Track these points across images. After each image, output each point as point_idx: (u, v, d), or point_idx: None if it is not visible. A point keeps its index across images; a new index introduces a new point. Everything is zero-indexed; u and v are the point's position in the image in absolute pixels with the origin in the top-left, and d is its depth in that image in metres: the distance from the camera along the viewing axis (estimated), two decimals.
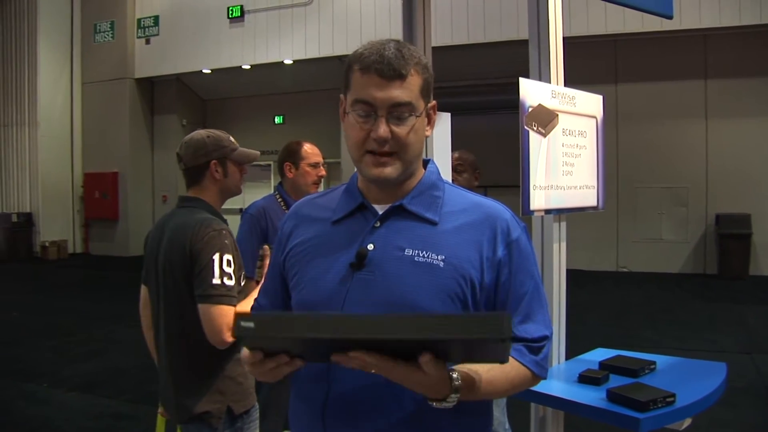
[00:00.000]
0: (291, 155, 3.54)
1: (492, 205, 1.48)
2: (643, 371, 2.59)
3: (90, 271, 14.01)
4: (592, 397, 2.33)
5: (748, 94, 11.51)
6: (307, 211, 1.56)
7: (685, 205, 12.13)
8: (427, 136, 1.47)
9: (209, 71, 15.42)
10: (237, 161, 2.50)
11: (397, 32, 11.91)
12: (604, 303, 9.27)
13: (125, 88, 16.11)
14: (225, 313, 2.18)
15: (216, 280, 2.21)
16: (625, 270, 12.40)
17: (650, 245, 12.28)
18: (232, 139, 2.52)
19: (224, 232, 2.32)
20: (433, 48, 3.36)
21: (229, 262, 2.26)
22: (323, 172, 3.58)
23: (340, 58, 13.93)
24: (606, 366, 2.64)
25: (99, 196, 16.26)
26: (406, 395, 1.31)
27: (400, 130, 1.38)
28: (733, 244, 11.26)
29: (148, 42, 15.99)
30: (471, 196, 1.51)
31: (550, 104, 2.68)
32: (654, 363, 2.68)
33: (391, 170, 1.40)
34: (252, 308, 1.64)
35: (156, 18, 15.82)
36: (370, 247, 1.41)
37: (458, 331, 1.14)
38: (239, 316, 1.16)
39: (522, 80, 2.54)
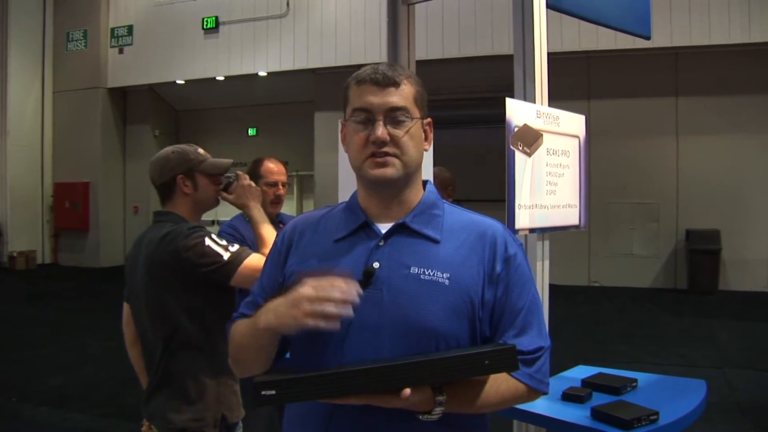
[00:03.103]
0: (251, 172, 3.50)
1: (489, 222, 1.53)
2: (626, 389, 2.63)
3: (59, 283, 13.78)
4: (576, 415, 2.35)
5: (717, 111, 11.70)
6: (308, 229, 1.57)
7: (656, 220, 12.28)
8: (425, 150, 1.52)
9: (183, 82, 15.31)
10: (207, 173, 2.48)
11: (372, 45, 12.04)
12: (577, 317, 9.33)
13: (98, 98, 15.92)
14: (256, 260, 2.24)
15: (225, 253, 2.25)
16: (597, 285, 12.51)
17: (622, 260, 12.41)
18: (200, 150, 2.50)
19: (198, 227, 2.33)
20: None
21: (216, 241, 2.29)
22: (281, 191, 3.54)
23: (314, 71, 13.98)
24: (589, 384, 2.67)
25: (69, 206, 16.02)
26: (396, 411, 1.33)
27: (398, 132, 1.44)
28: (703, 259, 11.40)
29: (121, 51, 15.84)
30: (468, 214, 1.55)
31: (535, 124, 2.72)
32: (636, 381, 2.71)
33: (391, 170, 1.44)
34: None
35: (130, 27, 15.69)
36: (376, 265, 1.43)
37: (470, 371, 1.29)
38: (259, 385, 1.23)
39: (508, 100, 2.56)
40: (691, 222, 11.86)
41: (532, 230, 2.79)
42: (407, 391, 1.23)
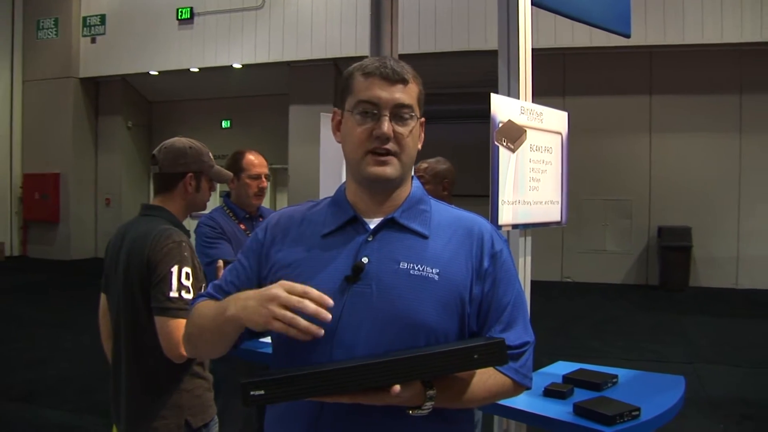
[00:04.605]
0: (232, 165, 3.48)
1: (475, 218, 1.53)
2: (606, 385, 2.64)
3: (29, 275, 13.53)
4: (558, 410, 2.35)
5: (690, 110, 11.87)
6: (291, 223, 1.54)
7: (628, 217, 12.42)
8: (418, 150, 1.52)
9: (156, 73, 15.13)
10: (211, 178, 2.47)
11: (347, 39, 11.97)
12: (550, 313, 9.38)
13: (69, 88, 15.67)
14: (182, 327, 2.06)
15: (173, 293, 2.15)
16: (569, 280, 12.61)
17: (594, 256, 12.53)
18: (211, 155, 2.48)
19: (184, 244, 2.26)
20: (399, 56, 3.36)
21: (187, 275, 2.20)
22: (264, 184, 3.51)
23: (289, 63, 13.92)
24: (570, 380, 2.67)
25: (39, 197, 15.78)
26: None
27: (402, 130, 1.43)
28: (674, 256, 11.54)
29: (93, 41, 15.60)
30: (453, 210, 1.56)
31: (519, 120, 2.72)
32: (616, 377, 2.73)
33: (391, 170, 1.43)
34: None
35: (102, 17, 15.46)
36: (365, 260, 1.41)
37: (460, 366, 1.29)
38: (247, 386, 1.21)
39: (493, 96, 2.56)
40: (662, 219, 12.01)
41: (514, 226, 2.79)
42: (397, 387, 1.23)
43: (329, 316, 1.27)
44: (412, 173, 1.58)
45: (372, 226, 1.47)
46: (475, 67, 11.94)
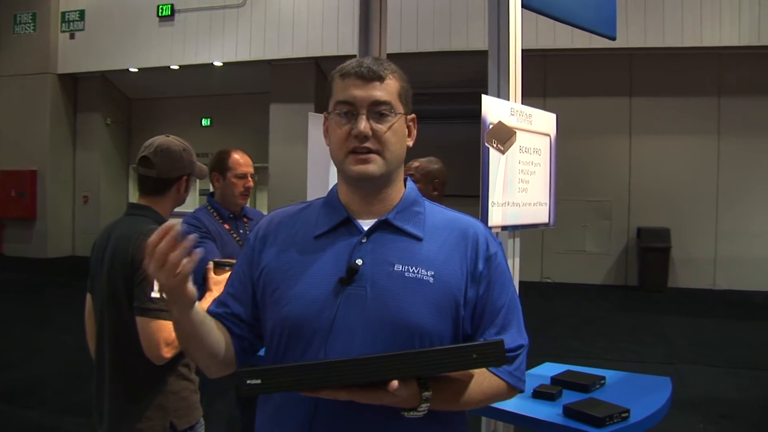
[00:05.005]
0: (218, 164, 3.45)
1: (469, 220, 1.53)
2: (595, 386, 2.66)
3: (5, 273, 13.33)
4: (548, 412, 2.37)
5: (670, 112, 11.96)
6: (283, 225, 1.55)
7: (608, 218, 12.49)
8: (409, 147, 1.52)
9: (136, 70, 14.94)
10: (196, 177, 2.48)
11: (329, 38, 11.94)
12: (529, 313, 9.28)
13: (47, 84, 15.43)
14: (163, 328, 2.11)
15: (155, 293, 2.12)
16: (549, 281, 12.67)
17: (574, 257, 12.60)
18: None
19: None
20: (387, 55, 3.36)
21: None
22: (250, 184, 3.49)
23: (270, 62, 13.83)
24: (558, 381, 2.70)
25: (15, 194, 15.52)
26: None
27: (381, 127, 1.42)
28: (653, 257, 11.63)
29: (72, 37, 15.38)
30: (448, 212, 1.55)
31: (509, 122, 2.73)
32: (604, 378, 2.76)
33: (374, 167, 1.42)
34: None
35: (82, 12, 15.25)
36: (359, 262, 1.41)
37: (458, 364, 1.27)
38: (243, 374, 1.21)
39: (484, 97, 2.57)
40: (642, 220, 12.08)
41: (504, 228, 2.81)
42: (395, 383, 1.21)
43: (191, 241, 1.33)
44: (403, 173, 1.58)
45: (365, 228, 1.46)
46: (457, 68, 11.97)
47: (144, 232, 2.21)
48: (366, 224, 1.47)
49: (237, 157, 3.47)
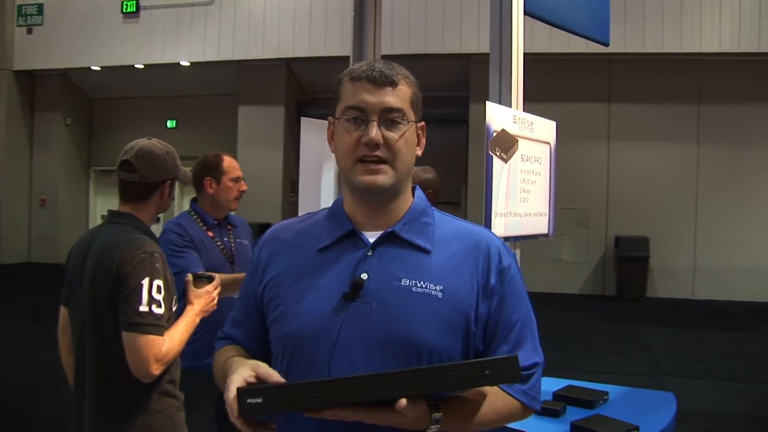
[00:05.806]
0: (211, 169, 3.35)
1: (481, 232, 1.48)
2: (598, 402, 2.71)
3: None
4: (555, 430, 2.38)
5: (649, 119, 11.96)
6: (287, 238, 1.50)
7: (585, 226, 12.38)
8: (417, 156, 1.46)
9: (98, 68, 14.51)
10: (179, 181, 2.38)
11: (301, 39, 11.68)
12: None
13: (2, 81, 14.89)
14: (152, 344, 2.05)
15: (143, 307, 2.06)
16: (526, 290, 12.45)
17: (551, 266, 12.39)
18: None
19: (156, 254, 2.16)
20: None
21: (159, 288, 2.11)
22: (245, 188, 3.44)
23: (239, 62, 13.69)
24: (561, 397, 2.72)
25: None
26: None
27: (392, 135, 1.37)
28: (632, 266, 11.56)
29: (29, 32, 14.83)
30: (459, 222, 1.50)
31: (512, 129, 2.70)
32: (606, 393, 2.81)
33: (383, 178, 1.36)
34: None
35: (40, 6, 14.72)
36: (364, 276, 1.36)
37: (470, 381, 1.19)
38: (244, 393, 1.15)
39: (489, 104, 2.53)
40: (620, 229, 12.02)
41: (506, 239, 2.76)
42: (403, 401, 1.14)
43: None
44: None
45: (371, 240, 1.41)
46: (435, 71, 11.76)
47: (129, 242, 2.15)
48: (372, 236, 1.42)
49: (228, 161, 3.41)
